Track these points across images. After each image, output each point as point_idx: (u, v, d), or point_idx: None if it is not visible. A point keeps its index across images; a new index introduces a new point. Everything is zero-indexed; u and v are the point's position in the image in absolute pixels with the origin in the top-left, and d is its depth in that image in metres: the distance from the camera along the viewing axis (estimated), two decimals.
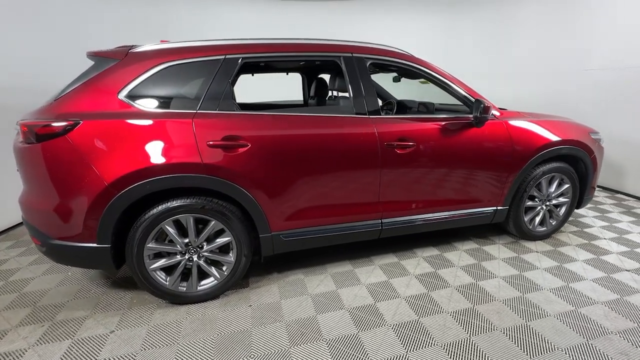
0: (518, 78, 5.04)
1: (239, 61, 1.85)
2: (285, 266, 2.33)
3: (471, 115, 2.22)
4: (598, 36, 3.99)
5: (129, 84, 1.70)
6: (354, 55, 2.05)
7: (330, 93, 2.66)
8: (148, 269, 1.81)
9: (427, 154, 2.11)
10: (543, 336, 1.67)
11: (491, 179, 2.33)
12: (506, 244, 2.66)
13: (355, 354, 1.57)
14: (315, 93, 2.86)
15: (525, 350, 1.58)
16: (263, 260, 2.11)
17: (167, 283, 1.86)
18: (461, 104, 2.34)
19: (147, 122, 1.68)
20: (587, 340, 1.64)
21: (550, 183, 2.55)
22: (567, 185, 2.59)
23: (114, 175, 1.61)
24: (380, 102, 2.27)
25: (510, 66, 5.11)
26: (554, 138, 2.39)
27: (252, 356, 1.56)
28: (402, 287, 2.10)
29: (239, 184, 1.80)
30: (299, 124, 1.90)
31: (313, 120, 1.94)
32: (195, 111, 1.76)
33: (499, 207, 2.45)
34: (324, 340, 1.66)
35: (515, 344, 1.62)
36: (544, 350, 1.58)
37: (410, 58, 2.20)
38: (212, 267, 1.94)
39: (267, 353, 1.58)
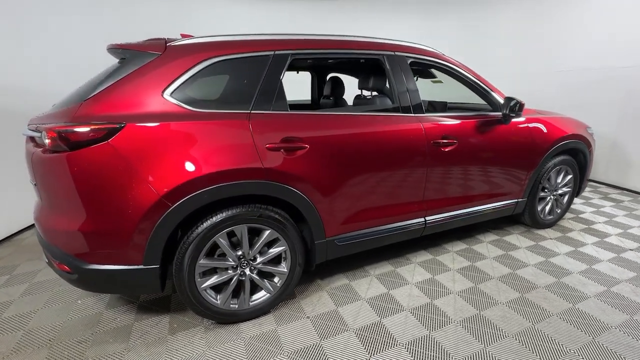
0: (491, 79, 5.42)
1: (289, 57, 1.73)
2: (326, 272, 2.25)
3: (499, 113, 2.33)
4: (566, 40, 4.43)
5: (174, 81, 1.50)
6: (396, 53, 2.03)
7: (360, 92, 2.61)
8: (199, 289, 1.62)
9: (466, 150, 2.17)
10: (593, 316, 1.79)
11: (516, 172, 2.46)
12: (521, 233, 2.83)
13: (434, 355, 1.55)
14: (331, 92, 2.79)
15: (585, 330, 1.69)
16: (314, 269, 2.01)
17: (219, 302, 1.68)
18: (479, 103, 2.44)
19: (201, 123, 1.50)
20: (631, 316, 1.80)
21: (557, 174, 2.77)
22: (570, 176, 2.83)
23: (168, 185, 1.41)
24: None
25: (484, 67, 5.48)
26: (563, 133, 2.59)
27: None
28: (449, 282, 2.13)
29: (298, 189, 1.68)
30: (356, 123, 1.83)
31: (369, 119, 1.88)
32: (248, 111, 1.61)
33: (519, 199, 2.60)
34: (401, 344, 1.61)
35: (572, 325, 1.72)
36: (599, 330, 1.69)
37: (444, 57, 2.24)
38: (265, 280, 1.80)
39: None
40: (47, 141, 1.35)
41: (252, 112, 1.62)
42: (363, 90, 2.49)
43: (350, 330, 1.71)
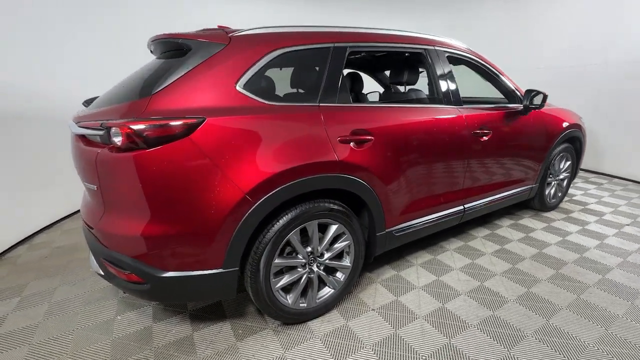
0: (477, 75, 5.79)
1: (347, 50, 1.72)
2: (373, 265, 2.25)
3: (518, 105, 2.50)
4: (543, 40, 4.85)
5: (245, 73, 1.42)
6: (436, 48, 2.10)
7: (390, 87, 2.65)
8: (273, 290, 1.56)
9: (498, 140, 2.30)
10: (623, 284, 2.00)
11: (534, 159, 2.66)
12: (532, 216, 3.06)
13: (506, 332, 1.63)
14: (352, 88, 2.81)
15: (622, 297, 1.87)
16: (372, 261, 2.01)
17: (289, 302, 1.63)
18: (487, 96, 2.60)
19: (277, 116, 1.44)
20: None
21: (560, 161, 3.03)
22: (569, 162, 3.11)
23: (251, 182, 1.33)
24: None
25: None
26: (567, 123, 2.85)
27: (421, 358, 1.49)
28: (489, 265, 2.24)
29: (366, 181, 1.68)
30: (413, 115, 1.86)
31: (422, 111, 1.93)
32: (317, 104, 1.58)
33: (533, 185, 2.81)
34: (473, 326, 1.67)
35: (610, 294, 1.90)
36: (633, 295, 1.89)
37: (475, 52, 2.35)
38: (330, 276, 1.77)
39: (432, 351, 1.52)
40: (118, 139, 1.22)
41: (321, 105, 1.59)
42: (393, 85, 2.53)
43: (420, 317, 1.75)
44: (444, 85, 2.09)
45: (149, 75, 1.47)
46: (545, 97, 2.42)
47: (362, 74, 3.04)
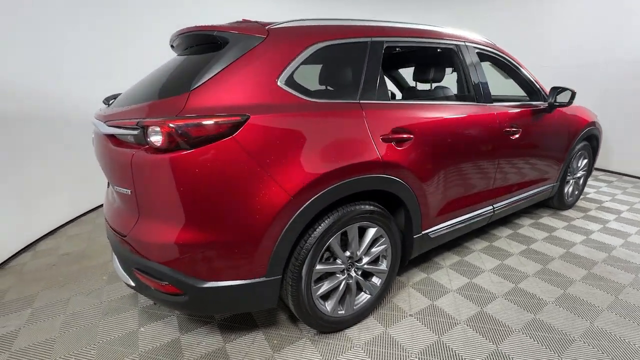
0: (493, 73, 5.80)
1: (383, 45, 1.64)
2: (401, 269, 2.18)
3: (542, 102, 2.46)
4: (549, 39, 4.87)
5: (285, 68, 1.33)
6: (466, 44, 2.04)
7: (415, 84, 2.57)
8: (314, 297, 1.47)
9: (526, 138, 2.25)
10: None
11: (556, 158, 2.63)
12: (550, 215, 3.03)
13: (551, 336, 1.58)
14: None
15: None
16: (406, 264, 1.94)
17: (329, 309, 1.55)
18: (507, 94, 2.56)
19: (321, 114, 1.36)
20: None
21: (578, 159, 3.01)
22: (586, 160, 3.10)
23: (298, 184, 1.25)
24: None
25: None
26: (587, 121, 2.83)
27: None
28: (520, 265, 2.20)
29: (405, 181, 1.60)
30: (449, 112, 1.80)
31: (460, 108, 1.87)
32: (358, 101, 1.50)
33: (554, 184, 2.78)
34: (516, 330, 1.62)
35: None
36: None
37: (500, 49, 2.30)
38: (367, 281, 1.70)
39: (477, 355, 1.46)
40: (157, 138, 1.12)
41: (362, 101, 1.51)
42: (417, 82, 2.46)
43: (461, 323, 1.68)
44: (476, 82, 2.04)
45: (181, 70, 1.37)
46: (573, 94, 2.39)
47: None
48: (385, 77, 3.29)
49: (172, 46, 1.75)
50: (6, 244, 2.45)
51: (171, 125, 1.10)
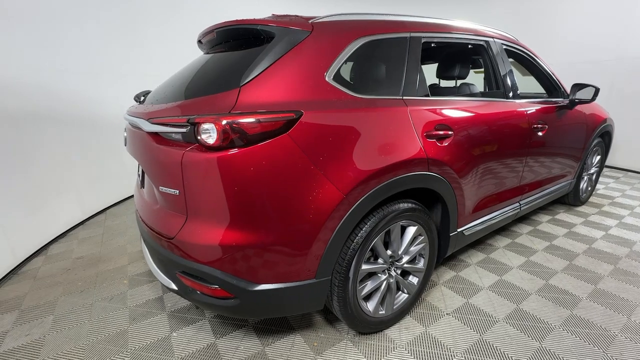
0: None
1: (421, 40, 1.62)
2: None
3: (562, 99, 2.47)
4: (554, 35, 4.92)
5: (332, 63, 1.29)
6: (495, 40, 2.03)
7: (438, 81, 2.56)
8: (359, 298, 1.44)
9: (551, 134, 2.26)
10: None
11: (576, 154, 2.64)
12: (566, 211, 3.05)
13: (588, 331, 1.58)
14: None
15: None
16: (441, 262, 1.92)
17: (371, 310, 1.52)
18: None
19: (369, 110, 1.32)
20: None
21: (593, 155, 3.04)
22: (599, 157, 3.13)
23: (350, 182, 1.21)
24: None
25: None
26: (602, 118, 2.85)
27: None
28: (546, 262, 2.20)
29: (447, 179, 1.58)
30: (485, 109, 1.79)
31: (493, 105, 1.85)
32: (401, 97, 1.47)
33: (572, 180, 2.80)
34: (555, 326, 1.61)
35: None
36: None
37: (524, 45, 2.30)
38: (406, 280, 1.67)
39: (527, 357, 1.45)
40: (210, 136, 1.07)
41: (405, 97, 1.48)
42: (441, 79, 2.45)
43: (500, 320, 1.67)
44: (505, 78, 2.03)
45: (224, 66, 1.32)
46: (597, 90, 2.40)
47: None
48: None
49: (199, 42, 1.69)
50: (15, 249, 2.36)
51: (226, 121, 1.05)
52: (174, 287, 1.31)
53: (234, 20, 1.39)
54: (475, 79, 2.70)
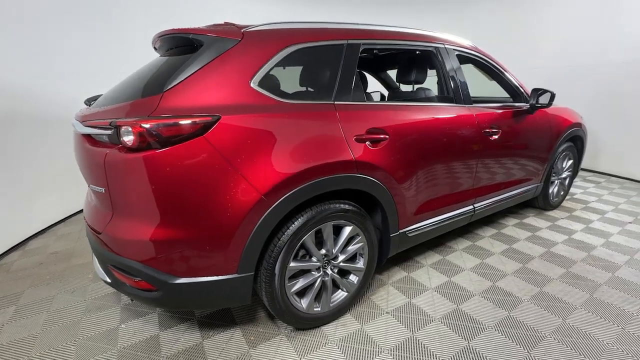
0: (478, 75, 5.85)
1: (360, 47, 1.68)
2: (382, 267, 2.22)
3: (524, 104, 2.50)
4: (538, 39, 4.91)
5: (259, 69, 1.37)
6: (446, 46, 2.08)
7: (398, 86, 2.62)
8: (288, 294, 1.50)
9: (507, 139, 2.29)
10: (633, 282, 2.00)
11: (540, 158, 2.66)
12: (535, 215, 3.06)
13: (523, 332, 1.61)
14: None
15: (633, 294, 1.87)
16: (384, 263, 1.97)
17: (304, 306, 1.58)
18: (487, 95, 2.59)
19: (294, 115, 1.39)
20: None
21: (563, 160, 3.04)
22: (571, 161, 3.13)
23: (269, 183, 1.28)
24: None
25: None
26: (570, 122, 2.86)
27: None
28: (500, 264, 2.23)
29: (381, 181, 1.64)
30: (426, 114, 1.84)
31: (435, 110, 1.90)
32: (333, 102, 1.54)
33: (538, 184, 2.81)
34: (489, 327, 1.65)
35: (623, 292, 1.90)
36: None
37: (481, 50, 2.34)
38: (344, 278, 1.73)
39: (452, 355, 1.49)
40: (129, 138, 1.16)
41: (336, 102, 1.54)
42: (401, 84, 2.50)
43: (436, 320, 1.71)
44: (455, 84, 2.07)
45: (157, 72, 1.40)
46: (553, 95, 2.42)
47: (366, 73, 3.03)
48: (374, 78, 3.34)
49: (155, 48, 1.79)
50: None
51: (142, 125, 1.14)
52: (108, 279, 1.40)
53: (171, 29, 1.48)
54: None
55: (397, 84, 2.53)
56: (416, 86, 2.33)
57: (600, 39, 4.25)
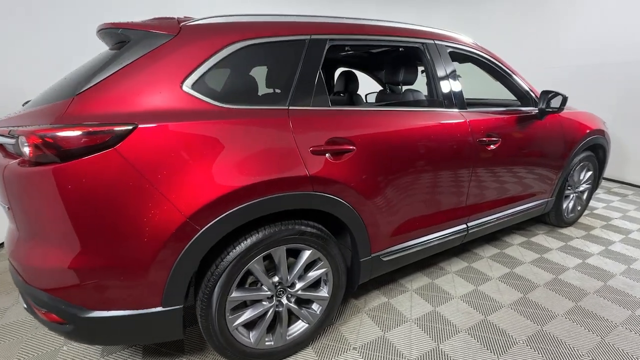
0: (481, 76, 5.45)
1: (326, 43, 1.46)
2: (360, 290, 1.98)
3: (532, 108, 2.19)
4: (559, 37, 4.48)
5: (195, 69, 1.18)
6: (436, 42, 1.82)
7: (385, 87, 2.37)
8: (230, 328, 1.31)
9: (508, 149, 1.99)
10: None
11: (550, 170, 2.34)
12: (547, 233, 2.72)
13: None
14: (345, 88, 2.54)
15: None
16: (356, 289, 1.75)
17: (252, 341, 1.38)
18: (494, 98, 2.29)
19: (233, 122, 1.19)
20: None
21: (580, 171, 2.69)
22: (590, 172, 2.77)
23: (196, 203, 1.09)
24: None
25: None
26: (589, 128, 2.51)
27: None
28: (496, 293, 1.94)
29: (345, 199, 1.41)
30: (404, 120, 1.59)
31: (416, 115, 1.65)
32: (286, 107, 1.32)
33: (549, 199, 2.48)
34: None
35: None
36: None
37: (483, 48, 2.05)
38: (302, 308, 1.51)
39: None
40: (26, 150, 0.99)
41: (291, 108, 1.33)
42: (388, 85, 2.25)
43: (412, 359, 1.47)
44: (444, 86, 1.80)
45: (84, 69, 1.24)
46: (564, 99, 2.10)
47: (361, 73, 2.79)
48: (372, 78, 3.08)
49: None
50: None
51: (38, 135, 0.97)
52: (24, 305, 1.25)
53: (105, 23, 1.31)
54: None
55: (385, 85, 2.28)
56: (404, 88, 2.09)
57: (628, 36, 3.79)
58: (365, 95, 3.08)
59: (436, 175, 1.70)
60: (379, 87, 3.17)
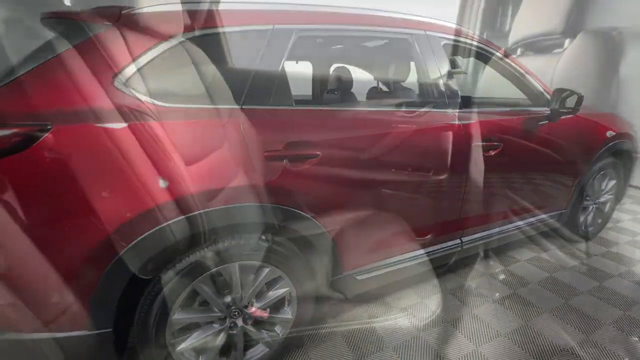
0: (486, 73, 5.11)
1: (292, 35, 1.29)
2: (339, 309, 1.81)
3: (544, 109, 1.92)
4: None
5: (131, 63, 1.04)
6: (427, 33, 1.60)
7: (376, 84, 2.17)
8: (174, 353, 1.17)
9: (512, 155, 1.76)
10: None
11: (564, 180, 2.07)
12: (560, 248, 2.43)
13: None
14: (338, 85, 2.35)
15: None
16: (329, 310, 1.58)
17: None
18: (503, 97, 2.04)
19: (171, 124, 1.05)
20: None
21: (601, 180, 2.39)
22: (614, 182, 2.46)
23: (122, 216, 0.96)
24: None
25: None
26: (613, 132, 2.21)
27: None
28: (493, 319, 1.70)
29: (307, 212, 1.24)
30: (381, 123, 1.40)
31: (397, 117, 1.46)
32: (239, 107, 1.17)
33: (563, 211, 2.21)
34: None
35: None
36: None
37: (487, 42, 1.82)
38: (262, 331, 1.36)
39: None
40: None
41: (245, 107, 1.17)
42: (379, 82, 2.06)
43: None
44: (435, 83, 1.59)
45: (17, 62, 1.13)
46: (580, 98, 1.82)
47: (358, 70, 2.60)
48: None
49: None
50: None
51: None
52: None
53: (45, 13, 1.20)
54: None
55: (376, 82, 2.08)
56: (394, 85, 1.88)
57: None
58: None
59: (419, 185, 1.49)
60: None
